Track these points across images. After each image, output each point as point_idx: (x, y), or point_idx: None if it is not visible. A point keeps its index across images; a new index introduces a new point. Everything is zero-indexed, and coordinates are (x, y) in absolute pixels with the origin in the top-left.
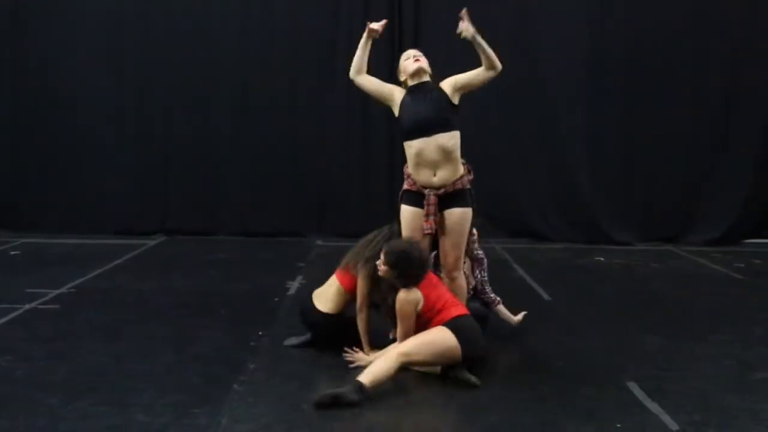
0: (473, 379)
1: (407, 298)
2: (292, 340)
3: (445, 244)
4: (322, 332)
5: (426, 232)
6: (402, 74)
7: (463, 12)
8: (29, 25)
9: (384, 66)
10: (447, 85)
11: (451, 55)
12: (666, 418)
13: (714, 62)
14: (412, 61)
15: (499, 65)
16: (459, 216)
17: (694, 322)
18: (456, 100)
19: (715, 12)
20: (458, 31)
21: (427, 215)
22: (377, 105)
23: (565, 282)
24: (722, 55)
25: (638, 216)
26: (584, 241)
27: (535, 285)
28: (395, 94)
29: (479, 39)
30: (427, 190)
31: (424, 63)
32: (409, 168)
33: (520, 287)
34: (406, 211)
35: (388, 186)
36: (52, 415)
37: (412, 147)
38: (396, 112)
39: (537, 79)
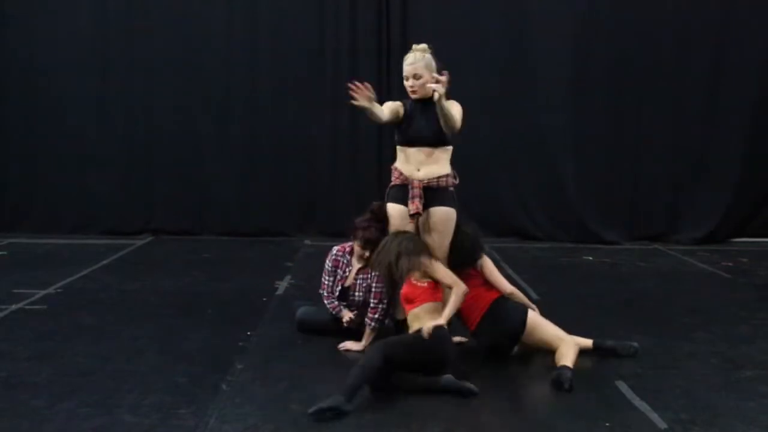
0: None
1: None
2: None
3: (427, 242)
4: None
5: (412, 212)
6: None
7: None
8: (11, 23)
9: (372, 69)
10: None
11: (439, 55)
12: (654, 417)
13: (700, 62)
14: (409, 88)
15: (456, 128)
16: (442, 214)
17: (682, 321)
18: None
19: (700, 11)
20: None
21: (412, 197)
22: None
23: (553, 281)
24: (708, 55)
25: (625, 215)
26: (572, 241)
27: (523, 284)
28: (400, 110)
29: (443, 103)
30: (411, 178)
31: (419, 90)
32: (397, 163)
33: None
34: (392, 209)
35: (376, 184)
36: (38, 416)
37: (404, 151)
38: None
39: (524, 80)
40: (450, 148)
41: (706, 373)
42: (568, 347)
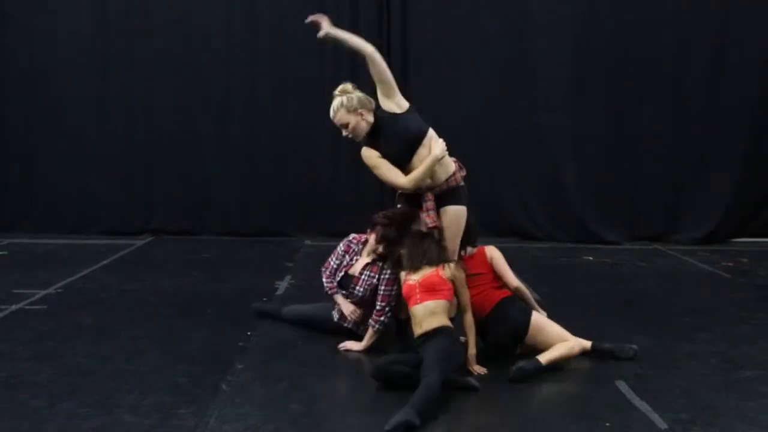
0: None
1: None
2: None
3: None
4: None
5: (429, 226)
6: None
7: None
8: (11, 23)
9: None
10: (381, 100)
11: (439, 55)
12: (654, 417)
13: (700, 62)
14: (346, 136)
15: (367, 50)
16: (452, 214)
17: (682, 321)
18: (399, 106)
19: (700, 11)
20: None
21: (427, 210)
22: None
23: (553, 281)
24: (708, 55)
25: (625, 215)
26: (572, 241)
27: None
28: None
29: (337, 34)
30: (423, 189)
31: (354, 134)
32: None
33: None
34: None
35: (377, 185)
36: (38, 416)
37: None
38: None
39: (524, 80)
40: (429, 134)
41: (706, 373)
42: (560, 346)
